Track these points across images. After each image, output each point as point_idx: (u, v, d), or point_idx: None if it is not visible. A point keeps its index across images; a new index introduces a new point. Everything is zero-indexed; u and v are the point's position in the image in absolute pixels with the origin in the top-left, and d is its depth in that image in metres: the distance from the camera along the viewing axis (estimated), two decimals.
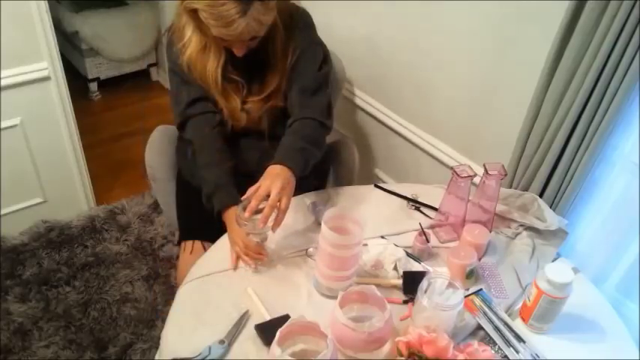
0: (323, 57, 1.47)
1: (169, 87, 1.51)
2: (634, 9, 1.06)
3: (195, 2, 1.23)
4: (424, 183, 1.59)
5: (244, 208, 1.16)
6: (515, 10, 1.39)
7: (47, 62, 1.94)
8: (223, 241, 1.30)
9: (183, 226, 1.59)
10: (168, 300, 1.93)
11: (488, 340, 1.09)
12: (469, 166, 1.26)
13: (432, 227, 1.37)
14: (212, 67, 1.38)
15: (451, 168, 1.27)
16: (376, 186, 1.52)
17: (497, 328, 1.10)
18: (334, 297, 1.07)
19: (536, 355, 1.06)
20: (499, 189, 1.29)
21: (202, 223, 1.49)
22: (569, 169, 1.30)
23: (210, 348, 1.03)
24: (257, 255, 1.22)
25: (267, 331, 1.05)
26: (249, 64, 1.42)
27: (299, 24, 1.43)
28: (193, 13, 1.27)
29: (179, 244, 1.55)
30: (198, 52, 1.37)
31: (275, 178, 1.20)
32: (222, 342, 1.04)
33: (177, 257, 1.57)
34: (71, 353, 1.78)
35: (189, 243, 1.50)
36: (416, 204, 1.45)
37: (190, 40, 1.37)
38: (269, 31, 1.34)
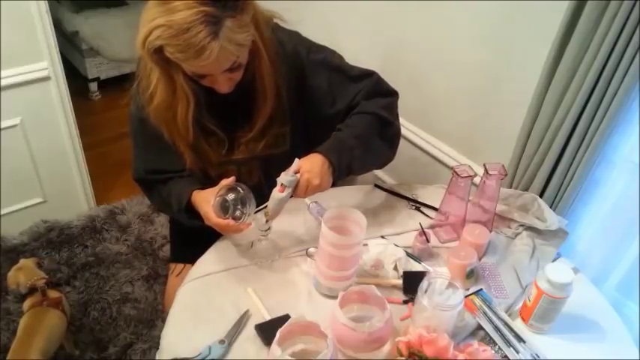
0: (337, 65, 1.37)
1: (132, 137, 1.36)
2: (634, 9, 1.06)
3: (157, 39, 1.03)
4: (424, 183, 1.59)
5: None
6: (516, 9, 1.39)
7: (47, 62, 1.94)
8: (223, 241, 1.30)
9: (175, 248, 1.57)
10: None
11: (489, 340, 1.09)
12: (469, 166, 1.26)
13: (432, 227, 1.37)
14: (182, 114, 1.18)
15: (451, 168, 1.27)
16: (376, 186, 1.52)
17: (497, 328, 1.10)
18: (334, 297, 1.07)
19: (536, 355, 1.06)
20: (499, 189, 1.28)
21: (194, 249, 1.37)
22: (569, 169, 1.30)
23: (210, 348, 1.03)
24: (238, 228, 1.15)
25: (267, 331, 1.05)
26: (231, 109, 1.24)
27: (302, 54, 1.31)
28: (158, 54, 1.06)
29: (169, 262, 1.52)
30: (166, 101, 1.18)
31: (320, 177, 1.16)
32: (222, 342, 1.04)
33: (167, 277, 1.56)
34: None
35: (179, 266, 1.49)
36: (416, 204, 1.45)
37: (156, 87, 1.16)
38: (251, 60, 1.16)
